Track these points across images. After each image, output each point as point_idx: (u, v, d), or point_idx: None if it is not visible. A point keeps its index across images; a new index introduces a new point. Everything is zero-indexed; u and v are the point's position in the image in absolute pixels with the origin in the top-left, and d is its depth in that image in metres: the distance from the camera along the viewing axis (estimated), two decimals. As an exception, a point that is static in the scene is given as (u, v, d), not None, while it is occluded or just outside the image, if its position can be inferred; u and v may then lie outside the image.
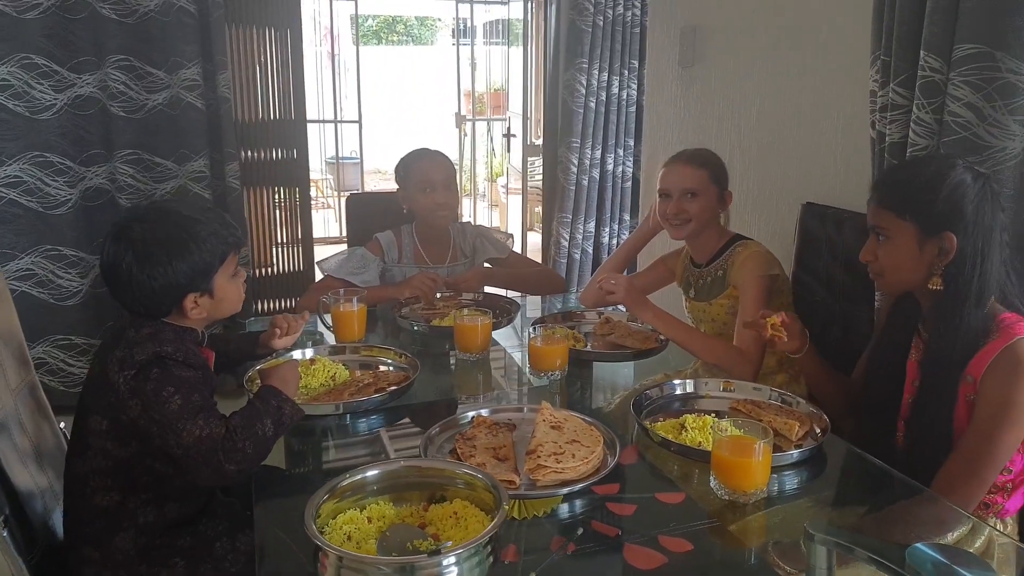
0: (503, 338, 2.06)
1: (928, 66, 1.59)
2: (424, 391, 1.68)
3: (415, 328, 2.05)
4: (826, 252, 2.11)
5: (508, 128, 6.63)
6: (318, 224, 5.61)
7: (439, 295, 2.24)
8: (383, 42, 12.75)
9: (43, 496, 1.45)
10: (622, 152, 4.03)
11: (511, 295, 2.41)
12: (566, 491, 1.20)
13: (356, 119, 6.51)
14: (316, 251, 3.55)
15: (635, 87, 3.95)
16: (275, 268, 3.55)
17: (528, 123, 5.57)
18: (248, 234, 3.39)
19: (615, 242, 4.11)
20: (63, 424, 1.60)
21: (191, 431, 1.20)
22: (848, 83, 2.12)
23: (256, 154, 3.37)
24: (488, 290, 2.34)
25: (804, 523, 0.93)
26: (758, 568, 1.09)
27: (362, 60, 6.32)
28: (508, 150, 6.56)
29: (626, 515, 1.18)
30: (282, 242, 3.55)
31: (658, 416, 1.50)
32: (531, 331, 1.76)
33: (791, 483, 1.30)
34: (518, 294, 2.45)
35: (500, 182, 7.18)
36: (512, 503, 1.16)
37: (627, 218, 4.14)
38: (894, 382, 1.50)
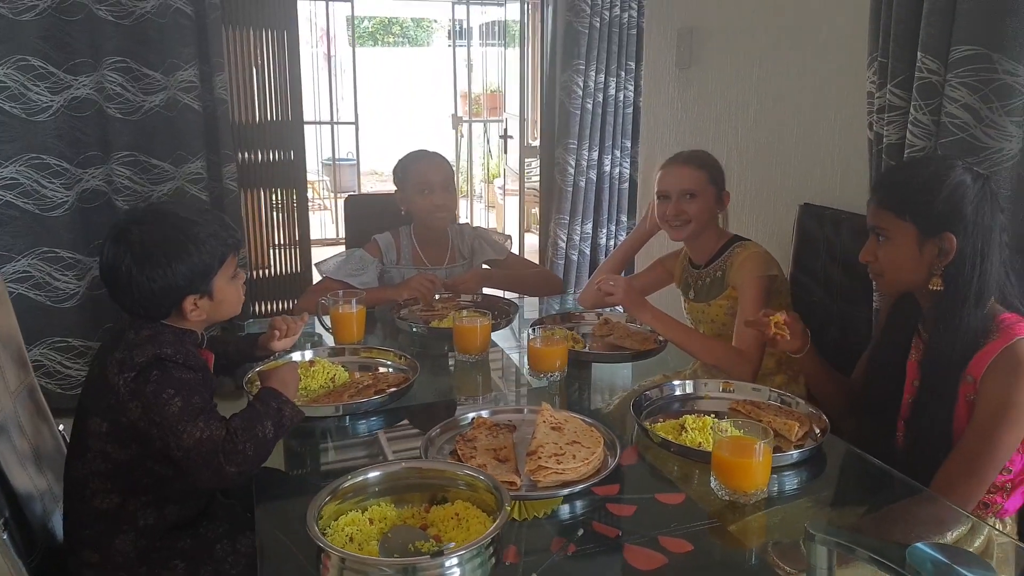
0: (502, 339, 2.06)
1: (925, 67, 1.59)
2: (423, 393, 1.68)
3: (414, 329, 2.05)
4: (824, 253, 2.12)
5: (505, 130, 6.63)
6: (315, 226, 5.61)
7: (438, 296, 2.24)
8: (379, 44, 12.75)
9: (43, 499, 1.44)
10: (619, 153, 4.04)
11: (509, 296, 2.41)
12: (567, 492, 1.20)
13: (352, 121, 6.50)
14: (313, 253, 3.55)
15: (632, 89, 3.95)
16: (272, 270, 3.55)
17: (525, 125, 5.58)
18: (245, 236, 3.38)
19: (612, 243, 4.11)
20: (62, 426, 1.59)
21: (191, 433, 1.20)
22: (845, 84, 2.12)
23: (253, 156, 3.37)
24: (486, 291, 2.34)
25: (804, 523, 0.94)
26: (758, 568, 1.09)
27: (358, 62, 6.33)
28: (505, 151, 6.56)
29: (626, 516, 1.19)
30: (279, 244, 3.55)
31: (658, 417, 1.50)
32: (530, 332, 1.76)
33: (791, 483, 1.30)
34: (516, 295, 2.45)
35: (497, 183, 7.18)
36: (512, 504, 1.16)
37: (624, 219, 4.14)
38: (894, 382, 1.50)
